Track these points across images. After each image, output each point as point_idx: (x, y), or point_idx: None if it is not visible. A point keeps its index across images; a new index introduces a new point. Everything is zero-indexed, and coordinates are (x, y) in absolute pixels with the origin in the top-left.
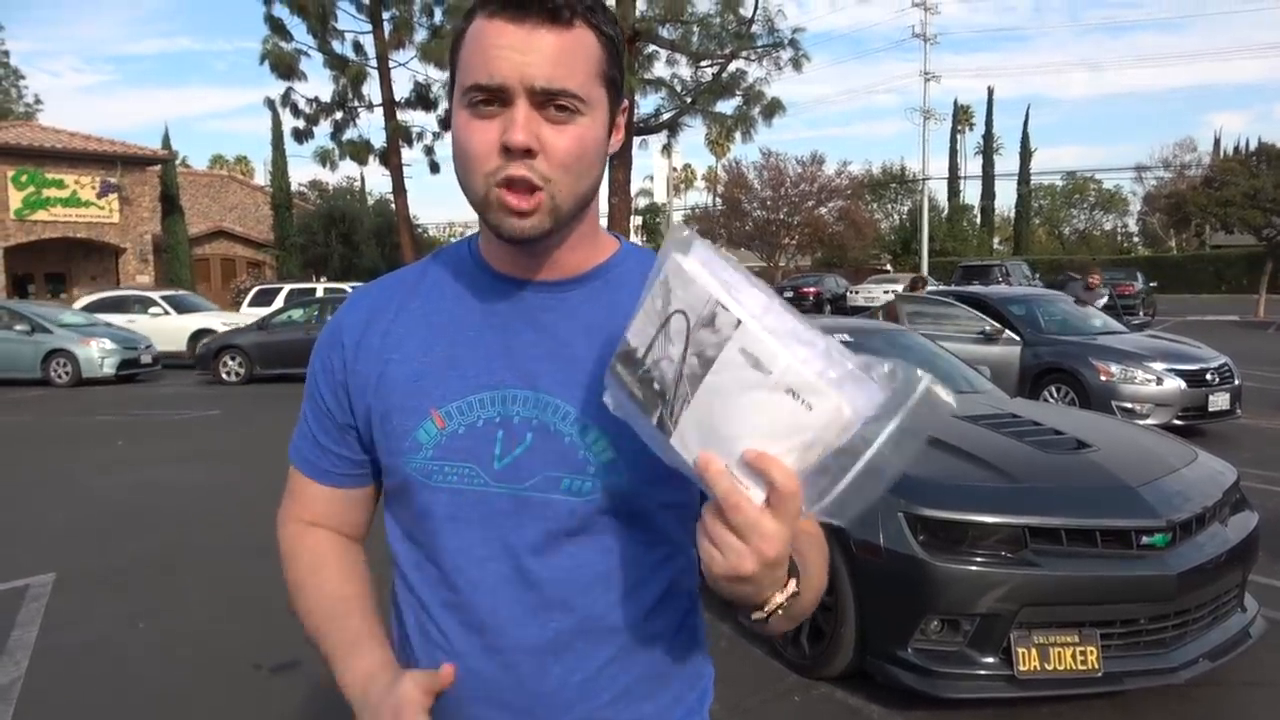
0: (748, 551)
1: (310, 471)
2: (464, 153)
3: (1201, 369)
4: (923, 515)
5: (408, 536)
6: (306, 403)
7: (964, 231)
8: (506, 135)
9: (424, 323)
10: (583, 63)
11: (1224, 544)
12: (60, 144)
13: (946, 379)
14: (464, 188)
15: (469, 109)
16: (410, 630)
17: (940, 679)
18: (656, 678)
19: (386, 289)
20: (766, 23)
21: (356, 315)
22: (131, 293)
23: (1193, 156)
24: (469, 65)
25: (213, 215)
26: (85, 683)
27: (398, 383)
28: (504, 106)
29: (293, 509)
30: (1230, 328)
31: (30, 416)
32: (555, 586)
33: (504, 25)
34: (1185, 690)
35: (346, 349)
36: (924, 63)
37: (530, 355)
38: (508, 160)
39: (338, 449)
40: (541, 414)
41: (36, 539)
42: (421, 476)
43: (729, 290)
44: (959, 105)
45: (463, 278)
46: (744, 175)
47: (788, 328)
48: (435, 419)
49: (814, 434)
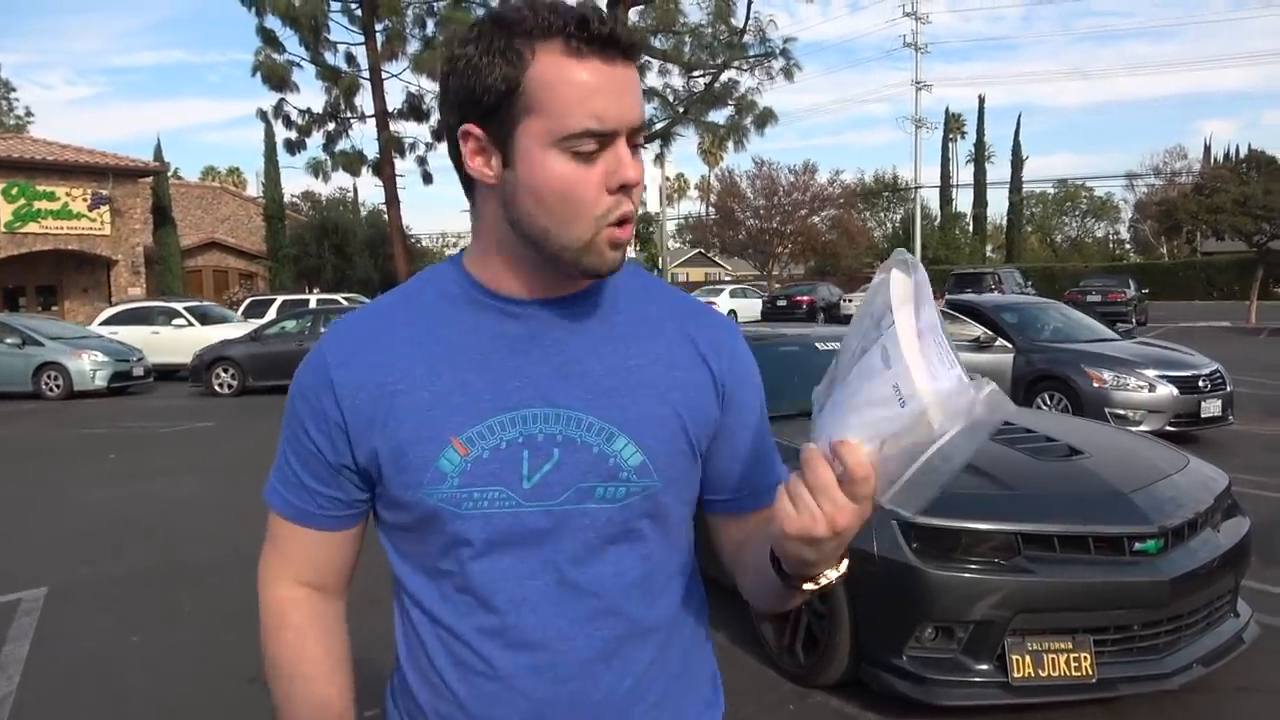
0: (820, 515)
1: (296, 516)
2: (570, 199)
3: (1194, 375)
4: (916, 523)
5: (430, 570)
6: (288, 445)
7: (956, 239)
8: (622, 175)
9: (426, 350)
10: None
11: (1216, 550)
12: (51, 156)
13: None
14: (555, 233)
15: (570, 156)
16: (441, 665)
17: (935, 686)
18: (688, 677)
19: (372, 320)
20: (758, 33)
21: (342, 351)
22: (156, 304)
23: (1183, 164)
24: (569, 109)
25: (205, 227)
26: (78, 697)
27: (408, 415)
28: (601, 150)
29: (278, 564)
30: (1222, 334)
31: (21, 430)
32: (600, 594)
33: (599, 66)
34: (1179, 696)
35: (338, 386)
36: (915, 72)
37: (542, 373)
38: (622, 198)
39: (329, 491)
40: (565, 429)
41: (28, 553)
42: (451, 506)
43: (906, 304)
44: (950, 114)
45: (457, 301)
46: (737, 184)
47: (932, 345)
48: (457, 446)
49: (901, 426)
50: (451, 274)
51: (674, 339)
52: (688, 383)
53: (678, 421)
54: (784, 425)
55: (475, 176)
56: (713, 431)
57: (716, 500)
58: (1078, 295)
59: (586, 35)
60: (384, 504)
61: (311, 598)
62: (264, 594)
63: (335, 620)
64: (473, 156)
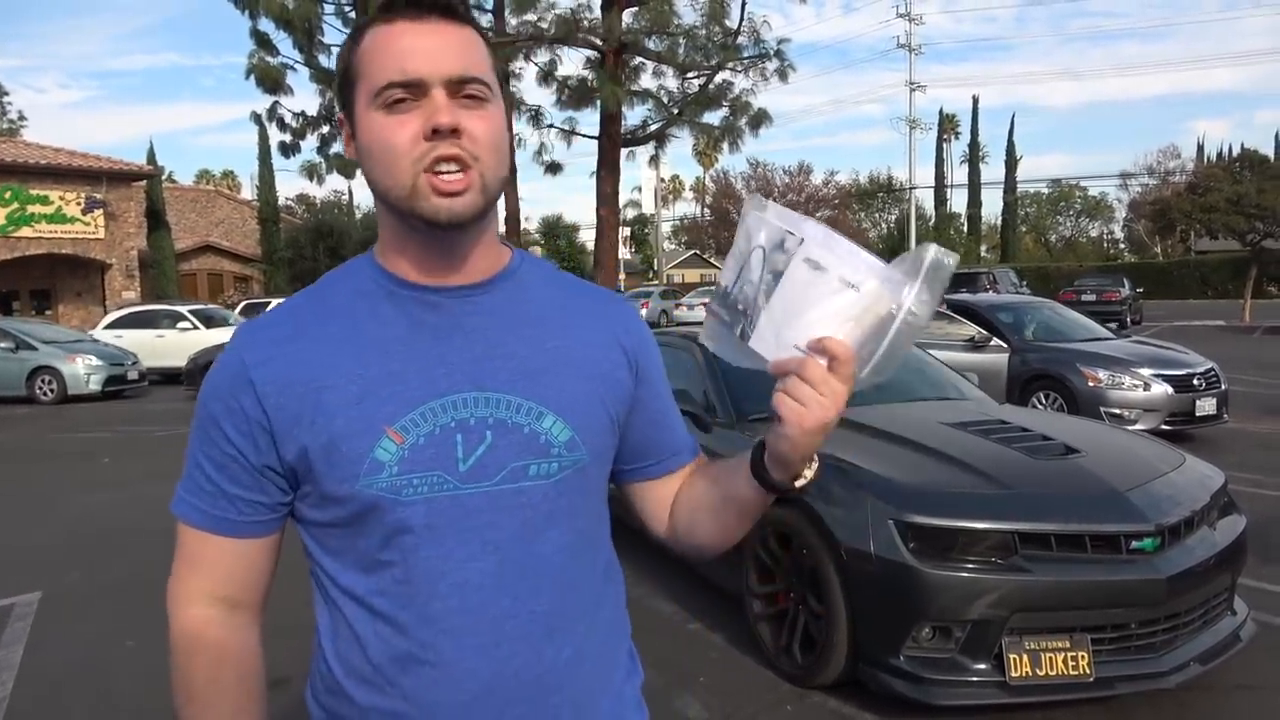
0: (828, 402)
1: (215, 526)
2: (386, 148)
3: (1188, 374)
4: (913, 522)
5: (368, 564)
6: (200, 453)
7: (951, 240)
8: (433, 119)
9: (350, 344)
10: (481, 56)
11: (1213, 547)
12: (45, 160)
13: (935, 386)
14: (385, 186)
15: (383, 109)
16: (380, 660)
17: (932, 686)
18: (612, 642)
19: (285, 320)
20: (752, 34)
21: (259, 350)
22: (160, 307)
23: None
24: (377, 69)
25: (199, 230)
26: (72, 703)
27: (339, 409)
28: (418, 100)
29: (192, 580)
30: (1216, 332)
31: (15, 434)
32: (540, 570)
33: (406, 25)
34: (1176, 694)
35: (259, 386)
36: (909, 72)
37: (468, 358)
38: (437, 143)
39: (252, 495)
40: (495, 411)
41: (22, 558)
42: (391, 494)
43: (794, 224)
44: (944, 114)
45: (376, 295)
46: (732, 185)
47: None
48: (392, 436)
49: (862, 308)
50: (365, 269)
51: (588, 321)
52: (604, 360)
53: (599, 397)
54: None
55: (350, 159)
56: (629, 405)
57: (641, 467)
58: (1072, 295)
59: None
60: (312, 503)
61: (228, 617)
62: (176, 614)
63: (251, 641)
64: (346, 143)
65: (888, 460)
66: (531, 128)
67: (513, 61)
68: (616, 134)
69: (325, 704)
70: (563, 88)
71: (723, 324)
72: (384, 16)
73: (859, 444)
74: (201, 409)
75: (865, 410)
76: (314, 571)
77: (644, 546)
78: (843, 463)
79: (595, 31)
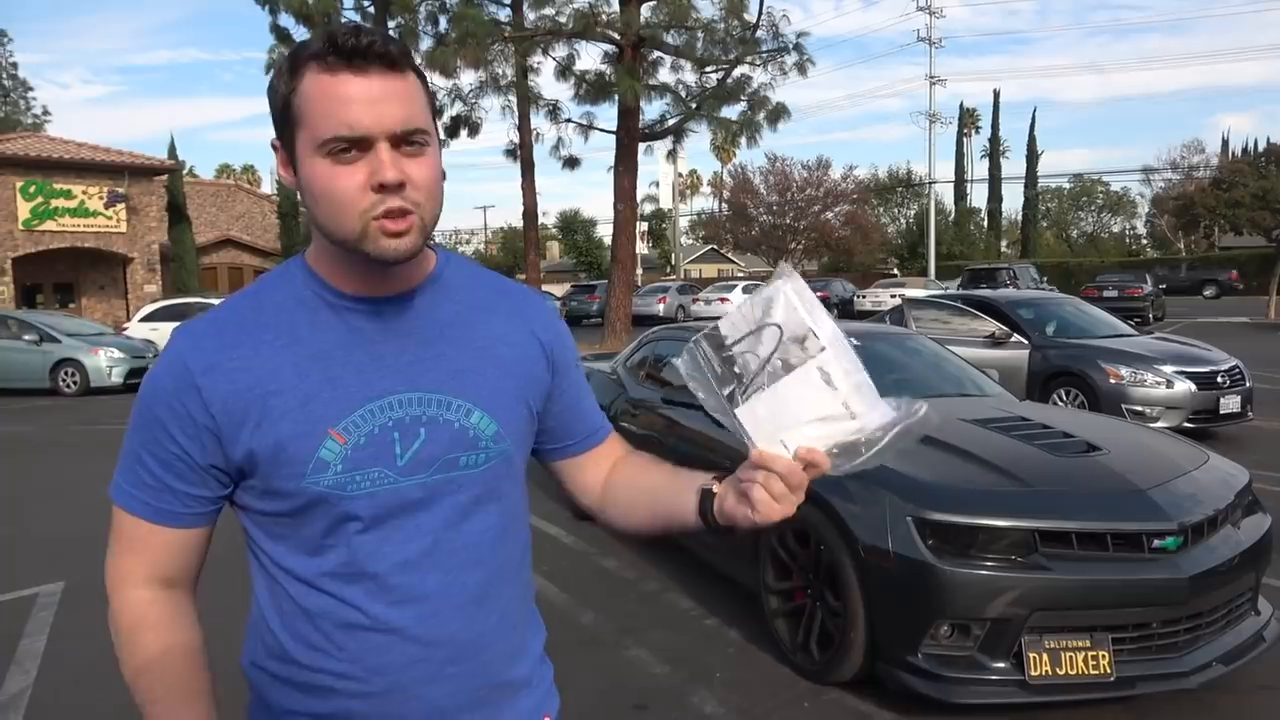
0: (794, 501)
1: (155, 516)
2: (333, 197)
3: (1212, 371)
4: (931, 520)
5: (312, 549)
6: (144, 450)
7: (971, 235)
8: (379, 175)
9: (290, 351)
10: (419, 103)
11: (1237, 547)
12: (68, 154)
13: (954, 382)
14: (330, 228)
15: (329, 158)
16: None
17: (951, 684)
18: (526, 606)
19: (227, 326)
20: (771, 28)
21: (203, 356)
22: (196, 300)
23: (1201, 158)
24: (320, 117)
25: (220, 224)
26: (95, 692)
27: (285, 412)
28: (363, 152)
29: (132, 564)
30: (1241, 329)
31: (38, 426)
32: (471, 548)
33: (349, 78)
34: (1198, 695)
35: (204, 390)
36: (929, 66)
37: (402, 361)
38: (383, 196)
39: (195, 490)
40: (427, 410)
41: (45, 548)
42: (337, 490)
43: (817, 320)
44: (965, 109)
45: (311, 303)
46: (750, 180)
47: (847, 360)
48: (335, 437)
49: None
50: (299, 276)
51: (508, 319)
52: (524, 356)
53: (520, 392)
54: None
55: (285, 183)
56: (546, 394)
57: (562, 447)
58: (1094, 291)
59: (335, 50)
60: (255, 495)
61: (167, 596)
62: (117, 595)
63: (191, 615)
64: (282, 167)
65: (906, 457)
66: (549, 122)
67: (530, 56)
68: (634, 128)
69: (270, 668)
70: (580, 82)
71: (712, 372)
72: (325, 64)
73: None
74: (145, 409)
75: None
76: (254, 552)
77: (659, 543)
78: None
79: (613, 26)
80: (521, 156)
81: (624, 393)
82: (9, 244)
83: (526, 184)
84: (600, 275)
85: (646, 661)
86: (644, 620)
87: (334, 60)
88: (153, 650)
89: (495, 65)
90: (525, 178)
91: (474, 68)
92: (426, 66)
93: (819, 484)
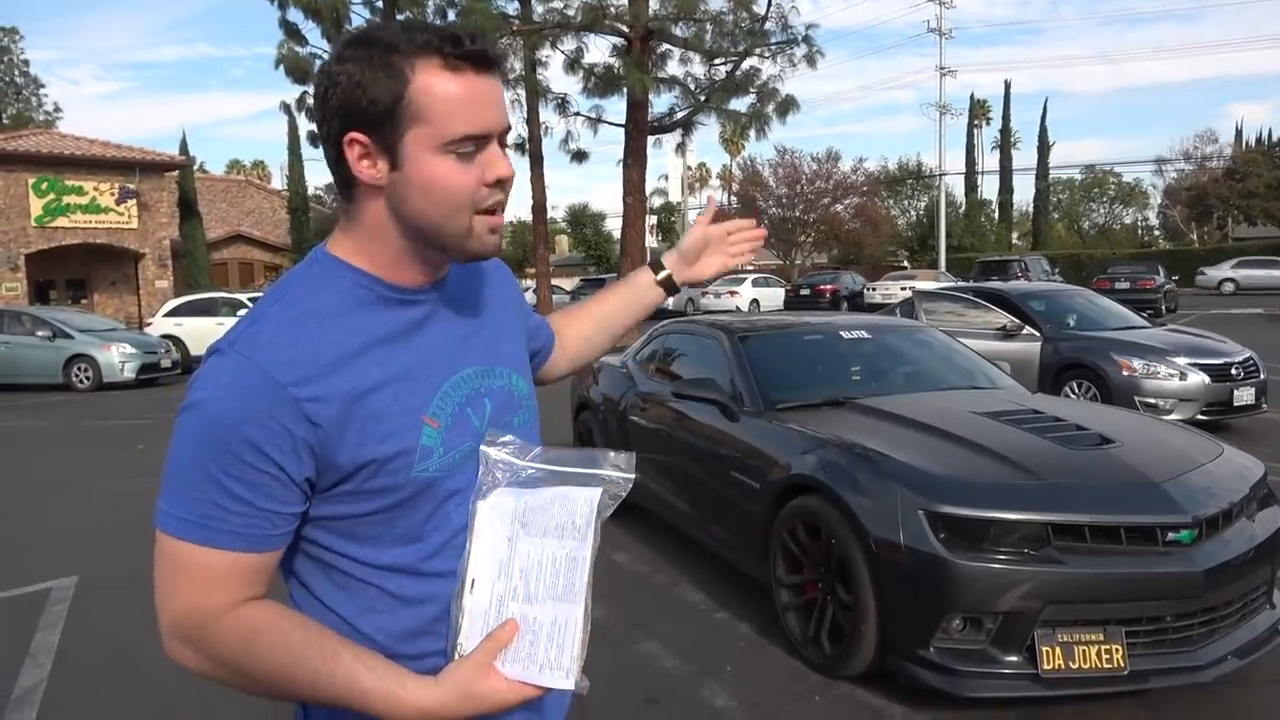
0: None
1: (244, 544)
2: (454, 193)
3: (1226, 363)
4: (943, 513)
5: (410, 538)
6: (227, 475)
7: (982, 227)
8: (499, 171)
9: (367, 350)
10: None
11: (1251, 540)
12: (79, 151)
13: (966, 375)
14: (437, 224)
15: (454, 156)
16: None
17: (963, 678)
18: None
19: (298, 332)
20: (780, 20)
21: (291, 369)
22: (219, 295)
23: (1214, 148)
24: (449, 117)
25: (230, 220)
26: (108, 686)
27: (382, 409)
28: (480, 149)
29: (214, 599)
30: (1255, 321)
31: (52, 421)
32: None
33: (475, 78)
34: (1212, 689)
35: (304, 403)
36: (940, 57)
37: (452, 340)
38: (495, 190)
39: (288, 508)
40: (484, 380)
41: (59, 542)
42: (444, 473)
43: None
44: (975, 100)
45: (368, 300)
46: (759, 173)
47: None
48: (430, 423)
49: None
50: (345, 275)
51: (500, 290)
52: (516, 315)
53: (523, 348)
54: (809, 415)
55: (363, 179)
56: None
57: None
58: (1106, 283)
59: (461, 52)
60: (347, 500)
61: (254, 603)
62: (202, 634)
63: (277, 602)
64: (358, 161)
65: (917, 450)
66: (558, 115)
67: (539, 49)
68: (643, 121)
69: None
70: (589, 75)
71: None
72: (448, 63)
73: (888, 433)
74: (227, 434)
75: (895, 399)
76: (321, 560)
77: (670, 536)
78: (872, 452)
79: (622, 18)
80: (530, 150)
81: (634, 386)
82: (22, 240)
83: (535, 178)
84: (610, 269)
85: (658, 655)
86: (655, 614)
87: (459, 61)
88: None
89: (503, 58)
90: (534, 171)
91: None
92: None
93: (830, 477)
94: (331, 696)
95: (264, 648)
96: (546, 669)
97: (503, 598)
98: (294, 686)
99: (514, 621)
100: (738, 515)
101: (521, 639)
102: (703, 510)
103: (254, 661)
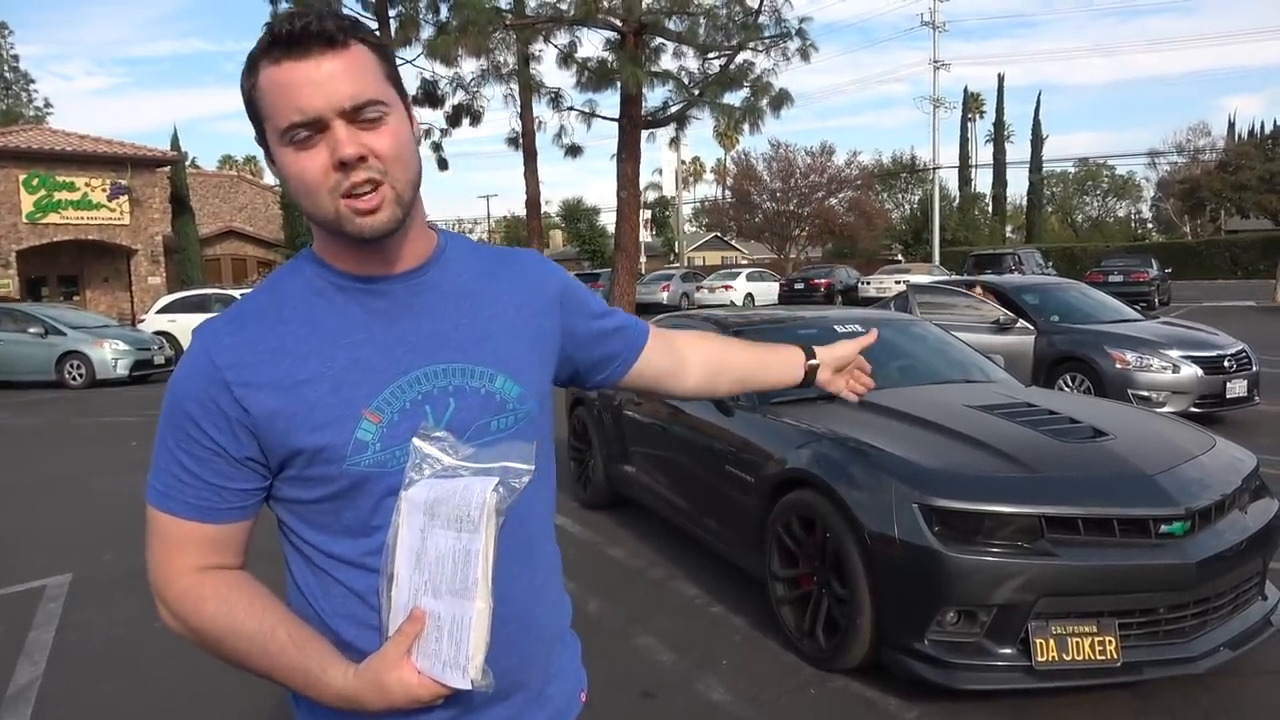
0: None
1: (193, 513)
2: (303, 183)
3: (1218, 355)
4: (937, 506)
5: (357, 531)
6: (178, 450)
7: (976, 220)
8: (338, 153)
9: (313, 339)
10: (370, 73)
11: (1244, 531)
12: (70, 147)
13: (960, 368)
14: (310, 212)
15: (292, 146)
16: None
17: (957, 670)
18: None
19: (248, 320)
20: (773, 13)
21: (228, 353)
22: (213, 291)
23: (1207, 141)
24: (277, 110)
25: (223, 215)
26: (103, 684)
27: (318, 400)
28: (321, 133)
29: (178, 561)
30: (1247, 313)
31: (45, 418)
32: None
33: (293, 65)
34: (1205, 680)
35: (234, 386)
36: (933, 51)
37: (421, 336)
38: (345, 173)
39: (235, 484)
40: (453, 380)
41: (53, 540)
42: (378, 468)
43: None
44: (969, 93)
45: (324, 290)
46: (753, 167)
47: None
48: (369, 417)
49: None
50: (309, 267)
51: (514, 283)
52: (533, 316)
53: (532, 349)
54: (802, 409)
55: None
56: (559, 338)
57: (612, 370)
58: (1099, 276)
59: (276, 41)
60: (296, 485)
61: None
62: (166, 592)
63: (244, 574)
64: (269, 163)
65: (912, 443)
66: (551, 110)
67: (532, 43)
68: (637, 116)
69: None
70: (582, 70)
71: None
72: (271, 57)
73: (882, 427)
74: (176, 408)
75: (889, 393)
76: (294, 545)
77: (666, 531)
78: (866, 446)
79: (615, 12)
80: (524, 145)
81: None
82: (13, 237)
83: (529, 172)
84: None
85: (653, 649)
86: (651, 608)
87: (278, 52)
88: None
89: (497, 53)
90: (528, 166)
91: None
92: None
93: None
94: (264, 669)
95: (208, 614)
96: (448, 666)
97: (417, 590)
98: (235, 654)
99: (419, 612)
100: (733, 509)
101: (428, 633)
102: (698, 505)
103: (203, 624)
